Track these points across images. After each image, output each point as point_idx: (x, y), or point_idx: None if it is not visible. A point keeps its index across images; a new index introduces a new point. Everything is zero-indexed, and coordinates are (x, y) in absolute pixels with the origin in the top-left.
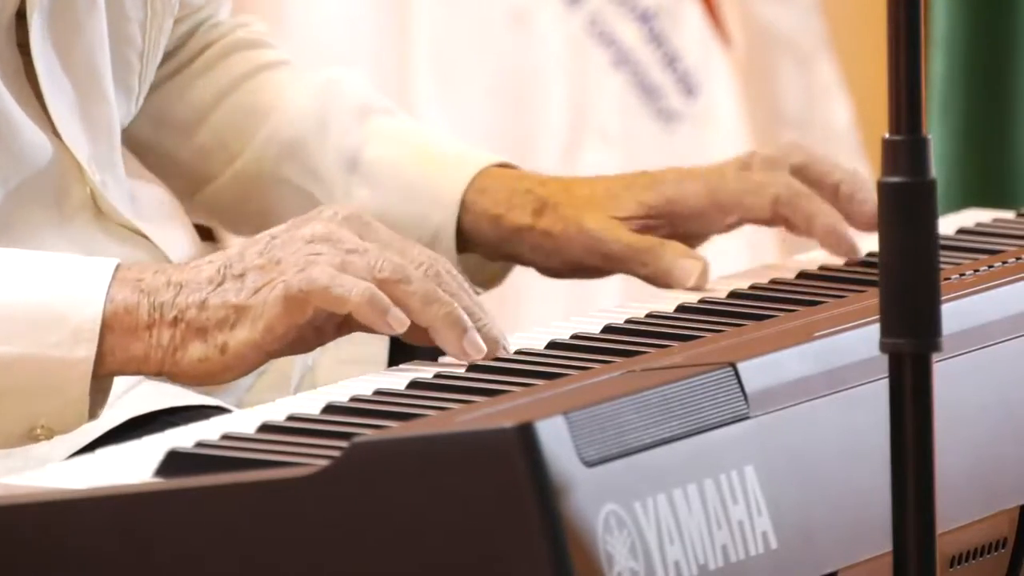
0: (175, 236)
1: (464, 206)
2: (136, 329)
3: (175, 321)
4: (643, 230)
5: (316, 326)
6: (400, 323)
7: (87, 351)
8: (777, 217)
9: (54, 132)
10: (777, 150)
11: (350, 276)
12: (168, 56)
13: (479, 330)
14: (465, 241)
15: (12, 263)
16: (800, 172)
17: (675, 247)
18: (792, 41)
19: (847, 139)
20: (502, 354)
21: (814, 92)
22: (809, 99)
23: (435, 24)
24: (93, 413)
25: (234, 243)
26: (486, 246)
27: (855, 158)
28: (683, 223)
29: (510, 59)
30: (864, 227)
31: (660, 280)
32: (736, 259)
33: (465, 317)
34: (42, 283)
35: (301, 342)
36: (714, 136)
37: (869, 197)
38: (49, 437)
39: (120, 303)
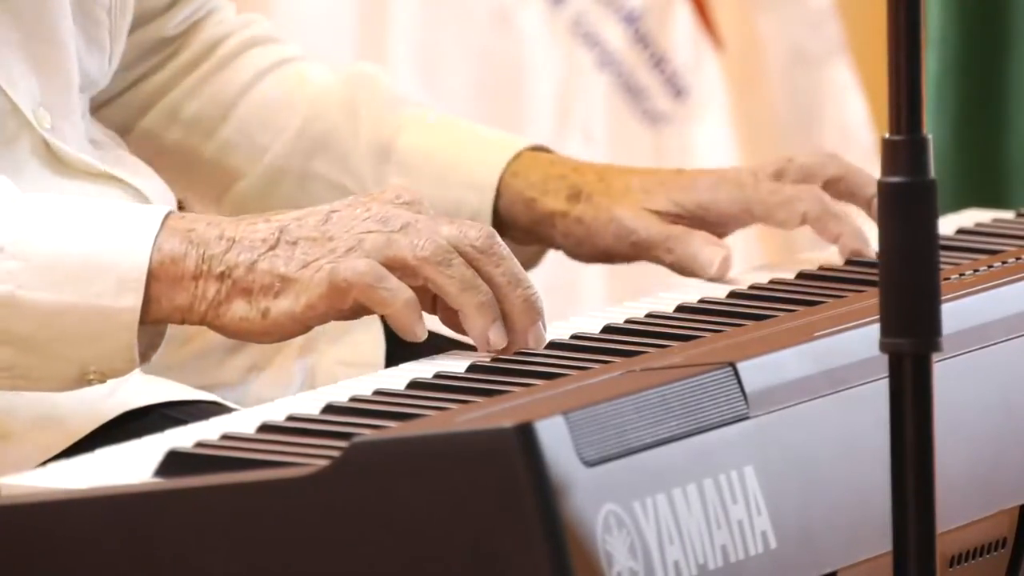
0: (153, 184)
1: (499, 190)
2: (182, 279)
3: (222, 276)
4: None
5: (355, 309)
6: (423, 334)
7: (133, 300)
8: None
9: None
10: (814, 159)
11: (395, 279)
12: (174, 50)
13: (526, 298)
14: (499, 224)
15: (64, 211)
16: (834, 185)
17: (701, 235)
18: (799, 44)
19: (860, 140)
20: (531, 339)
21: (823, 94)
22: (816, 101)
23: (417, 25)
24: (145, 357)
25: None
26: (519, 230)
27: (867, 159)
28: (711, 226)
29: (493, 60)
30: None
31: (685, 267)
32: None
33: (496, 310)
34: (91, 232)
35: (340, 317)
36: (701, 138)
37: None
38: (102, 381)
39: (167, 253)
